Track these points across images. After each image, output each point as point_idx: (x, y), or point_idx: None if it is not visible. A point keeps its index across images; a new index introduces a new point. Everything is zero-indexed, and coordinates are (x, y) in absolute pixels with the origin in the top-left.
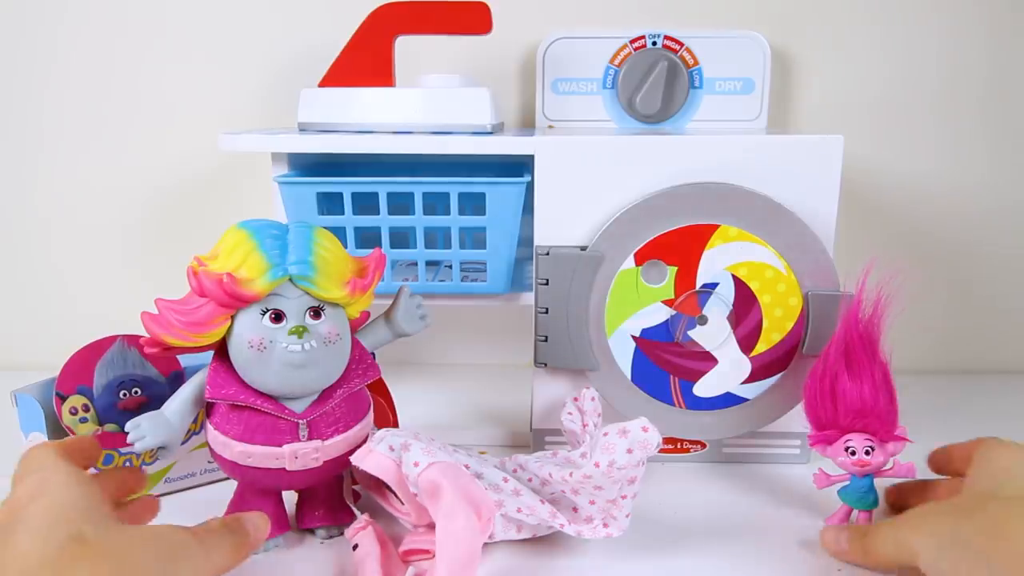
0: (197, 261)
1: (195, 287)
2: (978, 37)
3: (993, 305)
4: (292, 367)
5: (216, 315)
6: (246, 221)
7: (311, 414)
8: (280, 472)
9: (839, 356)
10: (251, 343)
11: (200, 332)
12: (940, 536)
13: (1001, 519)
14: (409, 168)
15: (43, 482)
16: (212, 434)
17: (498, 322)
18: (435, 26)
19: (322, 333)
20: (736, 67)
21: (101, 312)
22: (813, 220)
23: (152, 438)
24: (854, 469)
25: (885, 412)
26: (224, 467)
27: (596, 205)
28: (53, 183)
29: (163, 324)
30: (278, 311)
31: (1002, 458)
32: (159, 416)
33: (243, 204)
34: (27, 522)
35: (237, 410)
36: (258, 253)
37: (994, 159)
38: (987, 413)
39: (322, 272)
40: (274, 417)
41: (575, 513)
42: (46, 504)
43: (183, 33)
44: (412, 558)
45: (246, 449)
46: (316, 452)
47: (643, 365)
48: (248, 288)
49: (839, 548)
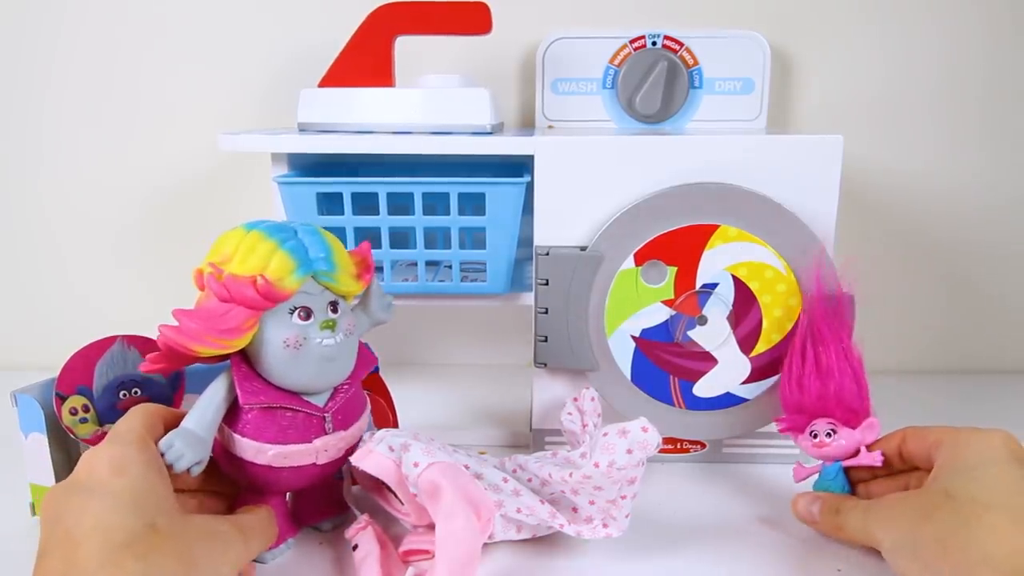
0: (212, 267)
1: (219, 293)
2: (977, 37)
3: (993, 305)
4: (326, 360)
5: (246, 319)
6: (252, 223)
7: (332, 406)
8: (311, 468)
9: (805, 341)
10: (287, 342)
11: (233, 338)
12: (899, 533)
13: (954, 525)
14: (409, 168)
15: (126, 460)
16: (241, 443)
17: (498, 322)
18: (435, 26)
19: (344, 325)
20: (736, 67)
21: (101, 312)
22: (813, 220)
23: (190, 455)
24: (814, 452)
25: (850, 397)
26: (250, 475)
27: (596, 205)
28: (53, 183)
29: (190, 335)
30: (307, 308)
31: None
32: (189, 433)
33: (243, 204)
34: (112, 497)
35: (268, 413)
36: (281, 252)
37: (993, 159)
38: (987, 413)
39: (339, 267)
40: (304, 414)
41: (575, 513)
42: (129, 483)
43: (183, 33)
44: (412, 558)
45: (282, 450)
46: (340, 442)
47: (643, 365)
48: (280, 288)
49: (810, 516)
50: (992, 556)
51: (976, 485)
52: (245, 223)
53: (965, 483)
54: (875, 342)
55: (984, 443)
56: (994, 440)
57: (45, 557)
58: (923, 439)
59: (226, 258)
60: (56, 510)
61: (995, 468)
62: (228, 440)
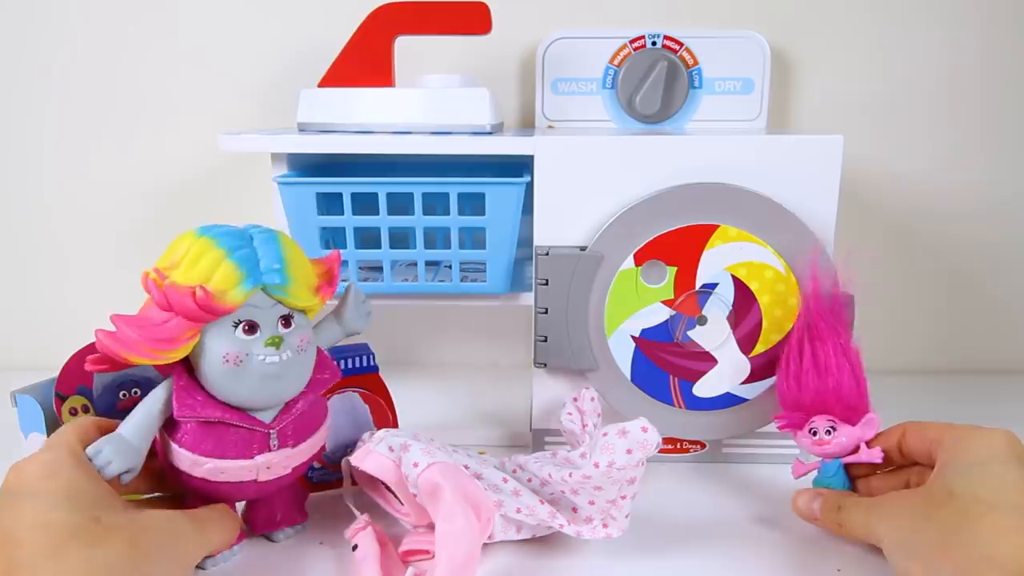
0: (156, 272)
1: (159, 301)
2: (977, 37)
3: (993, 305)
4: (269, 378)
5: (185, 330)
6: (205, 227)
7: (280, 422)
8: (250, 484)
9: (802, 338)
10: (226, 358)
11: (168, 349)
12: (900, 531)
13: (956, 524)
14: (409, 168)
15: (56, 464)
16: (178, 453)
17: (498, 322)
18: (435, 26)
19: (294, 342)
20: (736, 67)
21: (101, 312)
22: (813, 220)
23: (119, 462)
24: (814, 449)
25: (849, 394)
26: (188, 485)
27: (596, 205)
28: (54, 183)
29: (124, 342)
30: (252, 322)
31: (973, 452)
32: (120, 440)
33: (243, 204)
34: (47, 497)
35: (207, 426)
36: (228, 263)
37: (994, 159)
38: (987, 413)
39: (294, 280)
40: (246, 430)
41: (575, 513)
42: (63, 484)
43: (183, 33)
44: (412, 558)
45: (218, 465)
46: (286, 460)
47: (643, 365)
48: (222, 301)
49: (811, 513)
50: (995, 555)
51: (979, 484)
52: (201, 227)
53: (968, 482)
54: (875, 342)
55: (986, 442)
56: (996, 439)
57: None
58: (923, 435)
59: (173, 264)
60: None
61: (998, 467)
62: (166, 448)
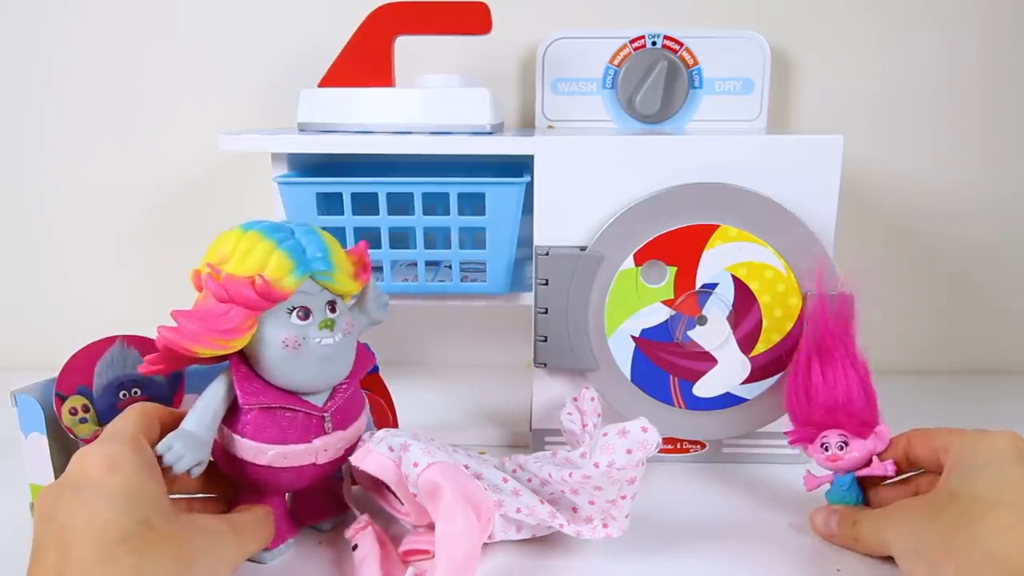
0: (210, 267)
1: (217, 293)
2: (977, 37)
3: (993, 305)
4: (325, 360)
5: (245, 319)
6: (249, 223)
7: (332, 406)
8: (311, 468)
9: (811, 352)
10: (286, 342)
11: (232, 338)
12: (907, 537)
13: (958, 524)
14: (409, 168)
15: (119, 458)
16: (241, 443)
17: (498, 322)
18: (435, 26)
19: (343, 325)
20: (736, 67)
21: (101, 312)
22: (813, 220)
23: (190, 456)
24: (827, 464)
25: (859, 408)
26: (249, 476)
27: (596, 205)
28: (54, 183)
29: (188, 335)
30: (306, 308)
31: (977, 455)
32: (188, 434)
33: (243, 204)
34: (105, 495)
35: (267, 413)
36: (279, 252)
37: (993, 159)
38: (987, 413)
39: (338, 267)
40: (303, 414)
41: (575, 513)
42: (122, 480)
43: (183, 33)
44: (412, 558)
45: (282, 450)
46: (340, 442)
47: (643, 365)
48: (279, 287)
49: (828, 531)
50: (996, 553)
51: (980, 484)
52: (243, 223)
53: (970, 483)
54: (875, 342)
55: (990, 444)
56: (1000, 440)
57: (39, 555)
58: (929, 442)
59: (224, 258)
60: (49, 508)
61: (1000, 467)
62: (228, 441)
